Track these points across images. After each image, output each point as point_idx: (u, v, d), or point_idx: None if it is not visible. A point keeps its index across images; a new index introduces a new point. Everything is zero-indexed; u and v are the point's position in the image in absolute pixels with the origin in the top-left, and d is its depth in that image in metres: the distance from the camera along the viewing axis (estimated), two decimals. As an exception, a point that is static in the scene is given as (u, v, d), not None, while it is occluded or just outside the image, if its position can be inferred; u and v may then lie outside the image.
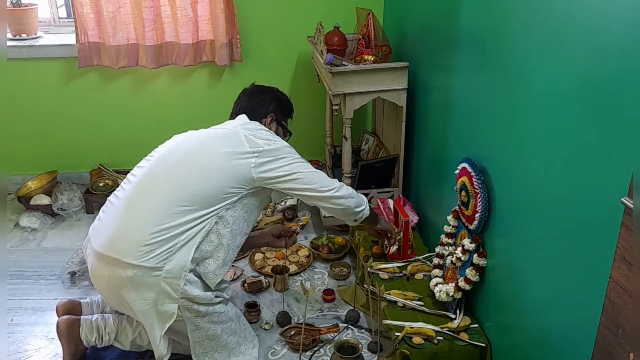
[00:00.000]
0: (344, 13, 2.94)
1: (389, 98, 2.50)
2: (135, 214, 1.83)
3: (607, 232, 1.19)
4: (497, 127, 1.77)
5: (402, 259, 2.27)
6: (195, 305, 1.84)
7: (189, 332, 1.88)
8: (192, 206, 1.82)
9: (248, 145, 1.93)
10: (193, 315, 1.85)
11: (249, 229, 2.02)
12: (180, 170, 1.89)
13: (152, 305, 1.81)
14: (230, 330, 1.97)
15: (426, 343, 1.84)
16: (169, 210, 1.80)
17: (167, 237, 1.78)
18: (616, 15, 1.19)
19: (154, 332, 1.84)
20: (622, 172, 1.16)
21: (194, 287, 1.83)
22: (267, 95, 2.22)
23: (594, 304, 1.20)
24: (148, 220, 1.79)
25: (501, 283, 1.79)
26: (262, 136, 1.98)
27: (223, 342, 1.94)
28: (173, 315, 1.82)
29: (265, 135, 2.00)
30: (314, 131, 3.30)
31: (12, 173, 3.23)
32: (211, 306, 1.88)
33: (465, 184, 1.87)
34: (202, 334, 1.90)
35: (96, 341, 1.98)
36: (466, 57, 1.99)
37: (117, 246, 1.79)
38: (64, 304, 2.09)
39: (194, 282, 1.84)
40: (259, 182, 1.93)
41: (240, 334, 2.02)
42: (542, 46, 1.48)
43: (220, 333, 1.93)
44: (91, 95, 3.14)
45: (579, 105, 1.33)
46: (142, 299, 1.80)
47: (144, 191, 1.87)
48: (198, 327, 1.88)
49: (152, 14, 2.90)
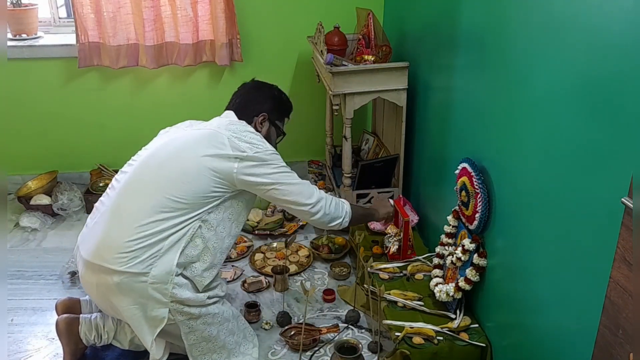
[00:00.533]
0: (344, 13, 2.94)
1: (389, 98, 2.49)
2: (119, 221, 1.82)
3: (608, 232, 1.19)
4: (497, 127, 1.77)
5: (402, 259, 2.27)
6: (186, 307, 1.83)
7: (183, 335, 1.87)
8: (174, 212, 1.81)
9: (231, 148, 1.88)
10: (186, 318, 1.85)
11: (238, 229, 2.00)
12: (160, 175, 1.86)
13: (141, 311, 1.81)
14: (228, 330, 1.96)
15: (426, 343, 1.84)
16: (150, 217, 1.79)
17: (150, 243, 1.78)
18: (616, 15, 1.19)
19: (145, 337, 1.84)
20: (622, 172, 1.16)
21: (184, 290, 1.82)
22: (263, 92, 2.17)
23: (594, 304, 1.21)
24: (131, 227, 1.79)
25: (501, 283, 1.79)
26: (247, 139, 1.92)
27: (221, 343, 1.94)
28: (163, 319, 1.82)
29: (249, 137, 1.94)
30: (314, 131, 3.30)
31: (12, 173, 3.23)
32: (204, 307, 1.87)
33: (466, 184, 1.86)
34: (197, 336, 1.89)
35: (95, 340, 1.98)
36: (466, 57, 1.99)
37: (103, 253, 1.80)
38: (63, 302, 2.09)
39: (183, 284, 1.83)
40: (240, 185, 1.91)
41: (239, 334, 2.01)
42: (543, 46, 1.48)
43: (217, 334, 1.92)
44: (91, 95, 3.14)
45: (579, 105, 1.33)
46: (131, 304, 1.80)
47: (127, 198, 1.86)
48: (192, 330, 1.87)
49: (152, 14, 2.90)
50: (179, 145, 1.92)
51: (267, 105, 2.13)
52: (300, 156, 3.35)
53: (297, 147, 3.37)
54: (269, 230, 2.83)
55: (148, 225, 1.78)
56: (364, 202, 2.68)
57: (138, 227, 1.78)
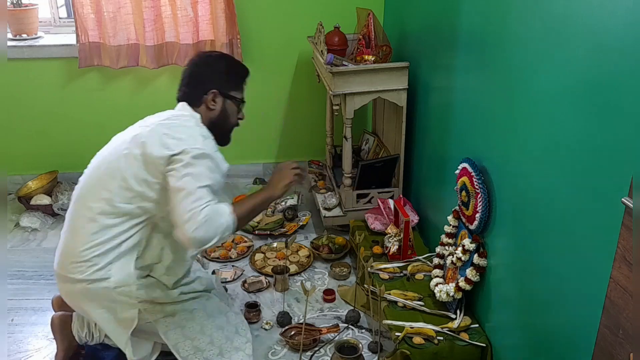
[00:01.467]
0: (345, 13, 2.94)
1: (390, 98, 2.49)
2: (73, 230, 1.84)
3: (608, 232, 1.19)
4: (497, 127, 1.77)
5: (402, 259, 2.27)
6: (159, 305, 1.82)
7: (163, 335, 1.85)
8: (120, 217, 1.79)
9: (162, 148, 1.74)
10: (161, 316, 1.83)
11: None
12: (101, 183, 1.82)
13: (111, 314, 1.82)
14: (215, 326, 1.92)
15: (427, 343, 1.84)
16: (99, 224, 1.78)
17: (104, 251, 1.77)
18: (617, 16, 1.19)
19: (118, 338, 1.84)
20: (623, 172, 1.16)
21: (152, 289, 1.82)
22: (207, 68, 1.93)
23: (595, 304, 1.20)
24: (83, 236, 1.79)
25: (502, 283, 1.79)
26: (178, 135, 1.77)
27: (207, 339, 1.89)
28: (134, 320, 1.82)
29: (181, 133, 1.77)
30: (314, 131, 3.31)
31: (13, 173, 3.23)
32: (179, 304, 1.86)
33: (466, 184, 1.87)
34: (178, 334, 1.86)
35: (87, 337, 1.98)
36: (467, 57, 1.99)
37: (65, 264, 1.82)
38: (59, 297, 2.09)
39: (150, 284, 1.83)
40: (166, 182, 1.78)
41: (229, 328, 1.96)
42: (543, 46, 1.48)
43: (202, 330, 1.88)
44: (92, 95, 3.14)
45: (579, 105, 1.33)
46: (100, 308, 1.81)
47: (77, 207, 1.86)
48: (171, 328, 1.85)
49: (152, 14, 2.90)
50: (115, 149, 1.87)
51: (214, 79, 1.91)
52: (301, 156, 3.35)
53: (297, 147, 3.37)
54: (269, 230, 2.83)
55: (98, 233, 1.78)
56: (364, 202, 2.68)
57: (89, 235, 1.78)
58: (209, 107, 1.90)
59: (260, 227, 2.84)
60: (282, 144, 3.37)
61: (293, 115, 3.29)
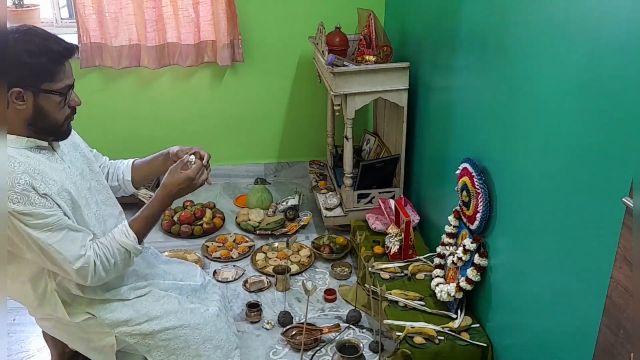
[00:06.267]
0: (346, 13, 2.94)
1: (390, 98, 2.50)
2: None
3: (608, 232, 1.20)
4: (498, 127, 1.77)
5: (403, 259, 2.28)
6: (136, 326, 1.69)
7: (146, 354, 1.74)
8: (20, 277, 1.61)
9: (14, 202, 1.41)
10: (140, 338, 1.71)
11: None
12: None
13: (87, 344, 1.75)
14: (201, 338, 1.78)
15: (427, 343, 1.84)
16: (18, 279, 1.62)
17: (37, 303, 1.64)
18: (617, 16, 1.19)
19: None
20: (623, 172, 1.16)
21: (121, 312, 1.68)
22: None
23: (595, 303, 1.21)
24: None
25: (502, 283, 1.79)
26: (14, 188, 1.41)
27: (194, 352, 1.77)
28: (113, 346, 1.71)
29: (12, 188, 1.40)
30: (315, 131, 3.31)
31: (14, 173, 3.23)
32: (156, 320, 1.72)
33: (467, 184, 1.87)
34: (162, 352, 1.75)
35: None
36: (467, 58, 1.99)
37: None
38: None
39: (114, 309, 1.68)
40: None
41: (219, 337, 1.83)
42: (543, 46, 1.48)
43: (187, 345, 1.76)
44: (93, 96, 3.13)
45: (580, 106, 1.33)
46: (75, 340, 1.77)
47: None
48: (152, 348, 1.73)
49: (154, 15, 2.90)
50: None
51: (13, 74, 1.40)
52: (302, 156, 3.35)
53: (298, 147, 3.38)
54: (271, 230, 2.83)
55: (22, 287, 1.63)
56: (365, 202, 2.69)
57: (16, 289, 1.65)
58: (17, 108, 1.45)
59: (261, 227, 2.85)
60: (283, 144, 3.37)
61: (294, 115, 3.30)
